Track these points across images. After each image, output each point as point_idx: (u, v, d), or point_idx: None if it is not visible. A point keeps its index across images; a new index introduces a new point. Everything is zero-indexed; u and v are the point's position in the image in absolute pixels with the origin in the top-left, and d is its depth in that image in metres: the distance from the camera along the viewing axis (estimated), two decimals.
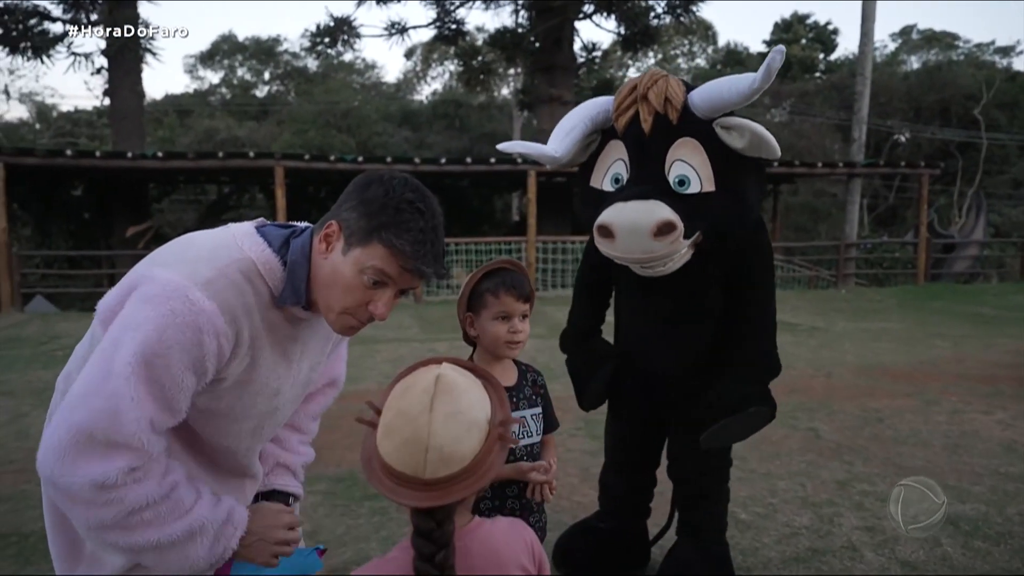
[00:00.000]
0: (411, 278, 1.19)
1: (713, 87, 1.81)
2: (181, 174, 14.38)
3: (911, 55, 32.98)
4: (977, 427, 4.37)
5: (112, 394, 1.07)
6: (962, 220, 18.83)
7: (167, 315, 1.09)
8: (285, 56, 35.16)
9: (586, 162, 2.01)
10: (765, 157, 1.82)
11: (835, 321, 9.11)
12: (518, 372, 1.77)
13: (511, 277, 1.66)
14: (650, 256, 1.80)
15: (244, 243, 1.22)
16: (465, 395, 0.95)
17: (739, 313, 2.03)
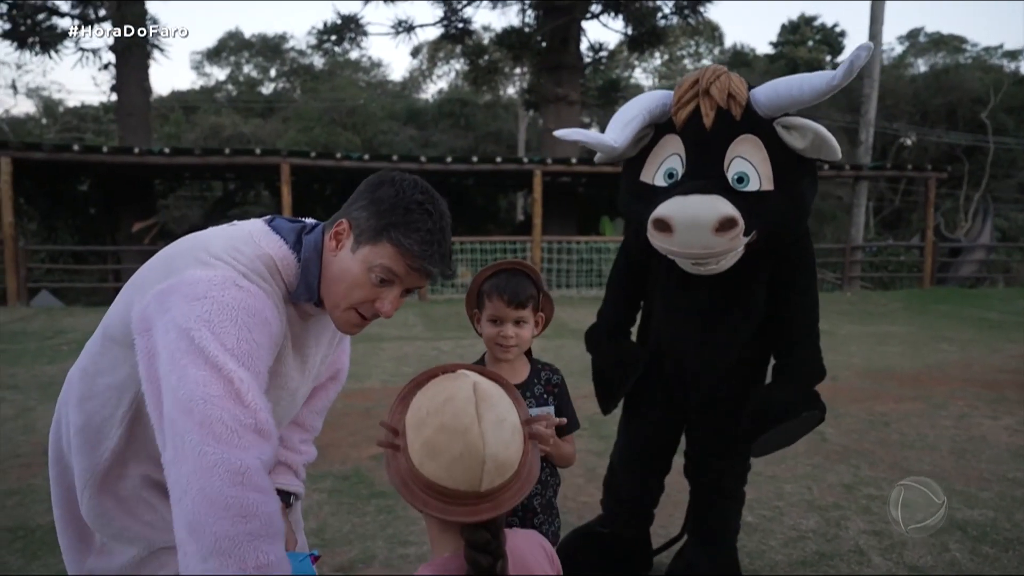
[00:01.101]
0: (418, 277, 1.20)
1: (782, 85, 1.78)
2: (187, 170, 14.40)
3: (918, 58, 32.88)
4: (984, 432, 4.35)
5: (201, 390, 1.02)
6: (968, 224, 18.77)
7: (230, 303, 1.09)
8: (291, 53, 35.22)
9: (635, 156, 1.96)
10: (825, 159, 1.80)
11: (840, 324, 9.09)
12: (530, 369, 1.72)
13: (508, 281, 1.62)
14: (709, 252, 1.75)
15: (261, 240, 1.23)
16: (501, 400, 0.92)
17: (783, 318, 2.01)
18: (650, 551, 2.50)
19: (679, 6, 15.79)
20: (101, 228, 14.81)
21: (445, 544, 0.93)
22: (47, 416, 4.71)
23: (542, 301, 1.68)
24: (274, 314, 1.17)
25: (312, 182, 15.69)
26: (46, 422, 4.57)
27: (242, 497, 0.97)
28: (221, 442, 1.00)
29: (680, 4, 15.73)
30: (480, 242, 12.52)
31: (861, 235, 15.56)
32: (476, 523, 0.87)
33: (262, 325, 1.12)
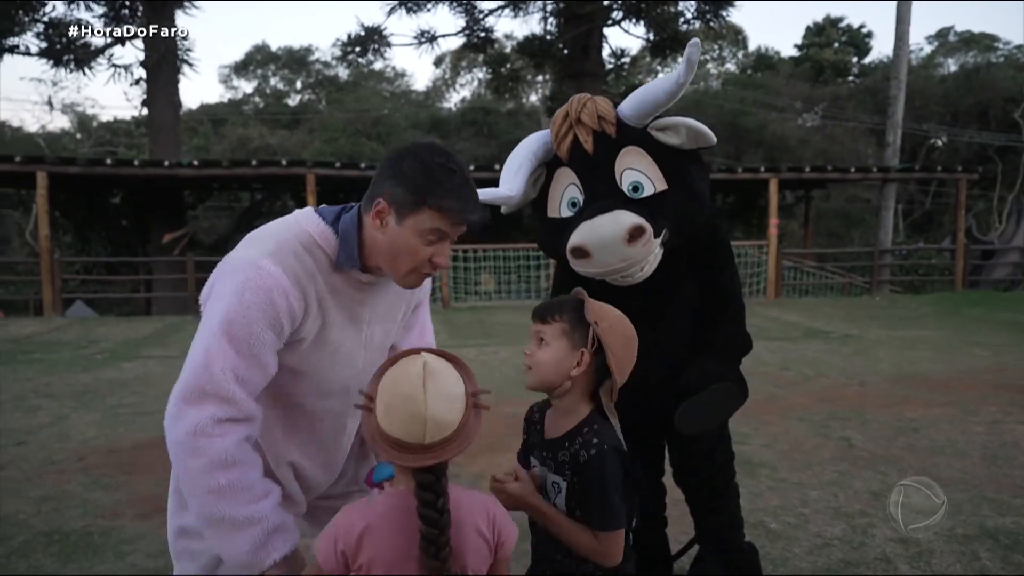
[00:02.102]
0: (460, 228, 1.36)
1: (639, 93, 1.91)
2: (215, 181, 14.69)
3: (948, 57, 32.28)
4: (1017, 438, 4.25)
5: (204, 351, 1.29)
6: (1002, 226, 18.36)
7: (243, 282, 1.31)
8: (316, 65, 35.72)
9: (538, 197, 2.08)
10: (703, 146, 1.92)
11: (869, 329, 8.95)
12: (575, 427, 1.43)
13: (547, 300, 1.54)
14: (629, 263, 1.85)
15: (302, 220, 1.41)
16: (446, 376, 1.16)
17: (708, 300, 2.09)
18: (668, 556, 2.50)
19: (701, 10, 15.73)
20: (133, 239, 15.14)
21: (401, 482, 1.20)
22: (81, 424, 4.83)
23: (596, 337, 1.40)
24: (289, 289, 1.33)
25: (337, 192, 15.89)
26: (80, 430, 4.69)
27: (199, 444, 1.26)
28: (186, 401, 1.28)
29: (702, 8, 15.67)
30: (504, 249, 12.56)
31: (890, 238, 15.32)
32: (422, 467, 1.12)
33: (264, 304, 1.30)
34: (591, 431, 1.40)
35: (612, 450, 1.38)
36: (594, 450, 1.37)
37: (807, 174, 13.53)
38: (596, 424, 1.42)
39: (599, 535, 1.37)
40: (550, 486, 1.46)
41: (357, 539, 1.13)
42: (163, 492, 3.52)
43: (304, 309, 1.37)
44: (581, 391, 1.43)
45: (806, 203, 17.03)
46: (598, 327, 1.39)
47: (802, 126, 26.93)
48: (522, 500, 1.42)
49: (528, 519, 1.51)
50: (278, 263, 1.33)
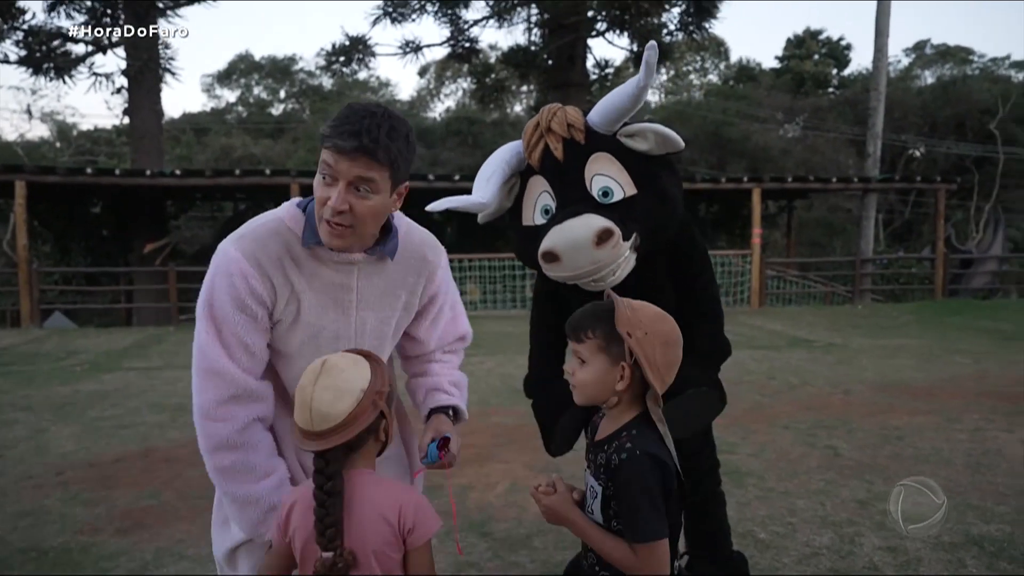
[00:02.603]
0: (342, 160, 1.27)
1: (604, 100, 1.95)
2: (198, 191, 14.57)
3: (925, 70, 32.86)
4: (1000, 446, 4.30)
5: (197, 334, 1.41)
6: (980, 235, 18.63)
7: (213, 268, 1.40)
8: (301, 75, 35.63)
9: (513, 206, 2.11)
10: (672, 151, 1.95)
11: (852, 337, 9.03)
12: (616, 431, 1.38)
13: (578, 311, 1.42)
14: (597, 266, 1.87)
15: (279, 209, 1.45)
16: (343, 373, 1.25)
17: (686, 305, 2.09)
18: None
19: (684, 22, 15.90)
20: (113, 250, 14.96)
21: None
22: (60, 437, 4.74)
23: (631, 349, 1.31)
24: (248, 271, 1.37)
25: None
26: (59, 443, 4.60)
27: (204, 426, 1.40)
28: (197, 381, 1.41)
29: (685, 20, 15.84)
30: (489, 259, 12.54)
31: (871, 248, 15.50)
32: (317, 452, 1.24)
33: (228, 285, 1.38)
34: (628, 436, 1.33)
35: (646, 456, 1.29)
36: (626, 455, 1.30)
37: (790, 184, 13.67)
38: (635, 429, 1.34)
39: (636, 548, 1.28)
40: (588, 491, 1.41)
41: (287, 513, 1.30)
42: (144, 507, 3.48)
43: (272, 292, 1.40)
44: (629, 399, 1.37)
45: (789, 213, 17.20)
46: (631, 339, 1.30)
47: (784, 137, 27.23)
48: (557, 513, 1.38)
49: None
50: (239, 248, 1.38)
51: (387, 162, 1.30)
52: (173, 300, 11.90)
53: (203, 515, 3.35)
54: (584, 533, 1.36)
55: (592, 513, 1.38)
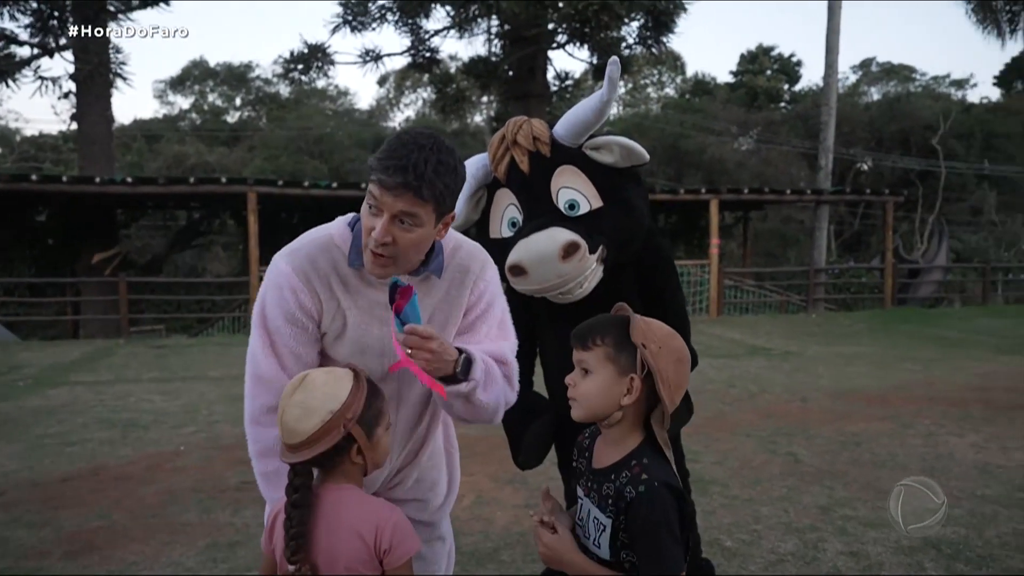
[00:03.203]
0: (388, 196, 1.28)
1: (569, 114, 1.97)
2: (150, 199, 14.17)
3: (871, 86, 34.08)
4: (952, 449, 4.42)
5: (252, 341, 1.45)
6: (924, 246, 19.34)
7: (267, 282, 1.45)
8: (257, 82, 35.08)
9: (480, 219, 2.12)
10: (637, 164, 1.97)
11: (808, 345, 9.23)
12: (625, 457, 1.29)
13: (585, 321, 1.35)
14: (564, 279, 1.88)
15: (332, 224, 1.47)
16: (318, 391, 1.26)
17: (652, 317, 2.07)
18: None
19: (643, 36, 16.16)
20: (60, 259, 14.42)
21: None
22: (1, 456, 4.51)
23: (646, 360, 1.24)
24: (297, 286, 1.40)
25: (279, 211, 15.54)
26: (0, 462, 4.38)
27: (252, 431, 1.46)
28: (249, 387, 1.45)
29: (644, 35, 16.10)
30: None
31: (824, 258, 15.91)
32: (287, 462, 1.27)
33: (279, 299, 1.42)
34: (640, 465, 1.24)
35: (664, 487, 1.21)
36: (643, 487, 1.21)
37: (746, 195, 13.97)
38: (646, 457, 1.25)
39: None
40: (592, 523, 1.30)
41: (271, 524, 1.34)
42: (94, 528, 3.33)
43: (319, 305, 1.43)
44: (632, 419, 1.28)
45: (744, 224, 17.56)
46: (646, 350, 1.23)
47: (738, 150, 27.87)
48: (559, 556, 1.30)
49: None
50: (290, 263, 1.42)
51: (431, 198, 1.29)
52: (123, 312, 11.52)
53: (157, 535, 3.22)
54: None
55: (599, 548, 1.28)
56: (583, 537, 1.33)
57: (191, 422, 5.39)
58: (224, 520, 3.39)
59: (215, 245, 20.21)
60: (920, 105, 27.47)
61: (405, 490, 1.67)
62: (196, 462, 4.35)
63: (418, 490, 1.68)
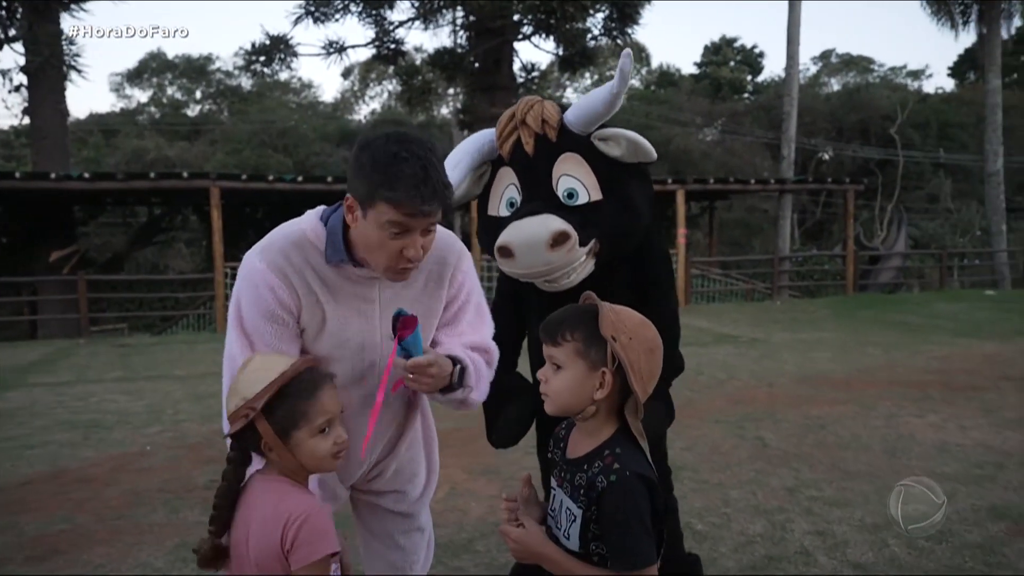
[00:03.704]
0: (421, 219, 1.32)
1: (582, 102, 1.94)
2: (109, 196, 13.83)
3: (831, 77, 34.72)
4: (912, 430, 4.55)
5: (229, 344, 1.44)
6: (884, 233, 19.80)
7: (240, 280, 1.44)
8: (218, 75, 34.36)
9: (481, 194, 2.10)
10: (643, 161, 1.93)
11: (773, 332, 9.40)
12: (597, 448, 1.28)
13: (554, 314, 1.33)
14: (550, 268, 1.87)
15: (302, 219, 1.46)
16: (248, 375, 1.27)
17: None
18: None
19: (608, 28, 16.21)
20: (15, 258, 13.98)
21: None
22: None
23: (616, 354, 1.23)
24: (274, 282, 1.40)
25: (243, 205, 15.28)
26: None
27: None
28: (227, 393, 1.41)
29: (609, 26, 16.15)
30: None
31: (787, 246, 16.22)
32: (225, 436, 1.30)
33: (256, 297, 1.41)
34: (613, 455, 1.24)
35: (636, 477, 1.21)
36: (615, 476, 1.21)
37: (712, 186, 14.14)
38: (619, 447, 1.25)
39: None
40: (564, 513, 1.30)
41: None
42: (57, 531, 3.25)
43: (297, 300, 1.43)
44: (606, 410, 1.27)
45: (710, 213, 17.79)
46: (616, 343, 1.22)
47: (704, 140, 28.17)
48: (530, 549, 1.28)
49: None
50: (264, 259, 1.41)
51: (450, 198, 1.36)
52: (83, 311, 11.23)
53: (123, 536, 3.16)
54: (564, 569, 1.26)
55: (568, 538, 1.28)
56: (554, 528, 1.32)
57: (156, 422, 5.29)
58: (193, 519, 3.34)
59: (177, 241, 19.78)
60: (878, 95, 28.09)
61: (384, 482, 1.69)
62: (162, 462, 4.27)
63: (397, 481, 1.69)
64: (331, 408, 1.28)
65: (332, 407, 1.28)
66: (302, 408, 1.24)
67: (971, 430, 4.54)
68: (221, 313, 10.88)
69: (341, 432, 1.30)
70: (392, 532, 1.73)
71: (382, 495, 1.71)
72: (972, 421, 4.75)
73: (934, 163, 26.52)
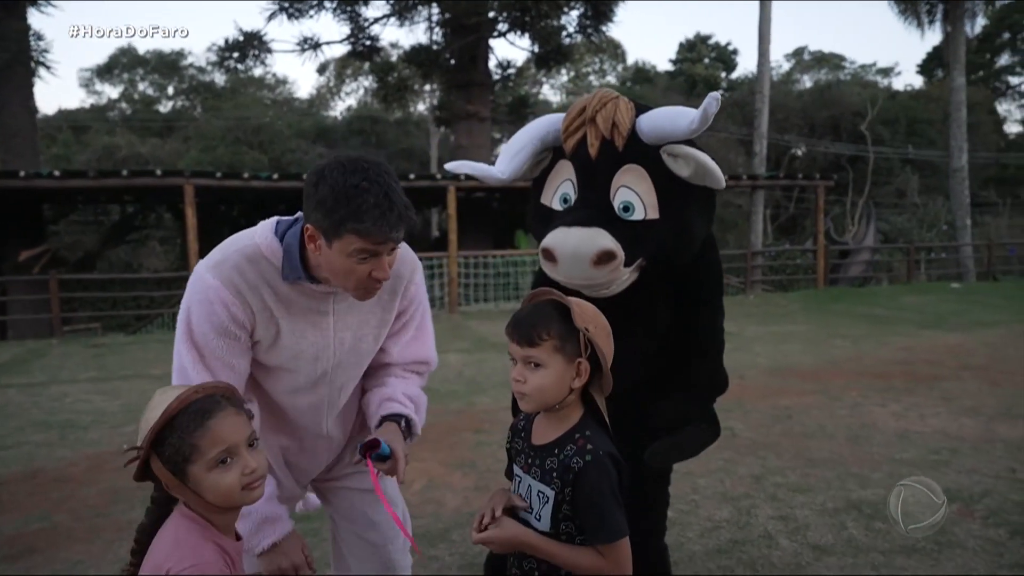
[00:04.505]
0: (389, 244, 1.35)
1: (659, 117, 1.82)
2: (80, 194, 13.62)
3: (804, 74, 35.21)
4: (875, 419, 4.71)
5: (178, 356, 1.43)
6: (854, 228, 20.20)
7: (191, 294, 1.43)
8: (190, 70, 33.93)
9: (539, 177, 2.01)
10: (710, 186, 1.84)
11: (746, 326, 9.58)
12: (567, 431, 1.36)
13: (520, 315, 1.37)
14: (591, 282, 1.81)
15: (256, 232, 1.46)
16: (144, 416, 1.16)
17: (686, 331, 2.02)
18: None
19: (583, 25, 16.32)
20: None
21: None
22: None
23: (586, 343, 1.32)
24: (228, 299, 1.41)
25: (218, 203, 15.14)
26: None
27: None
28: None
29: (584, 23, 16.27)
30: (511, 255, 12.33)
31: (760, 241, 16.46)
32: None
33: (208, 312, 1.41)
34: (584, 438, 1.32)
35: (607, 456, 1.30)
36: (589, 457, 1.29)
37: None
38: (589, 430, 1.34)
39: (604, 549, 1.28)
40: (535, 496, 1.35)
41: None
42: (34, 531, 3.27)
43: (251, 316, 1.44)
44: (576, 396, 1.36)
45: None
46: (590, 332, 1.31)
47: None
48: (511, 542, 1.33)
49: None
50: (217, 276, 1.41)
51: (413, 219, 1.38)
52: (55, 311, 11.07)
53: (102, 534, 3.19)
54: (544, 552, 1.31)
55: (539, 519, 1.34)
56: (523, 512, 1.38)
57: (133, 421, 5.28)
58: None
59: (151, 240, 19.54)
60: (849, 92, 28.54)
61: (343, 465, 1.78)
62: None
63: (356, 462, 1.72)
64: (228, 436, 1.13)
65: (230, 435, 1.14)
66: (191, 440, 1.11)
67: (930, 418, 4.71)
68: None
69: (249, 461, 1.15)
70: (363, 510, 1.77)
71: (343, 477, 1.79)
72: (932, 409, 4.93)
73: (903, 159, 27.06)
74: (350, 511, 1.79)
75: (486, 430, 4.51)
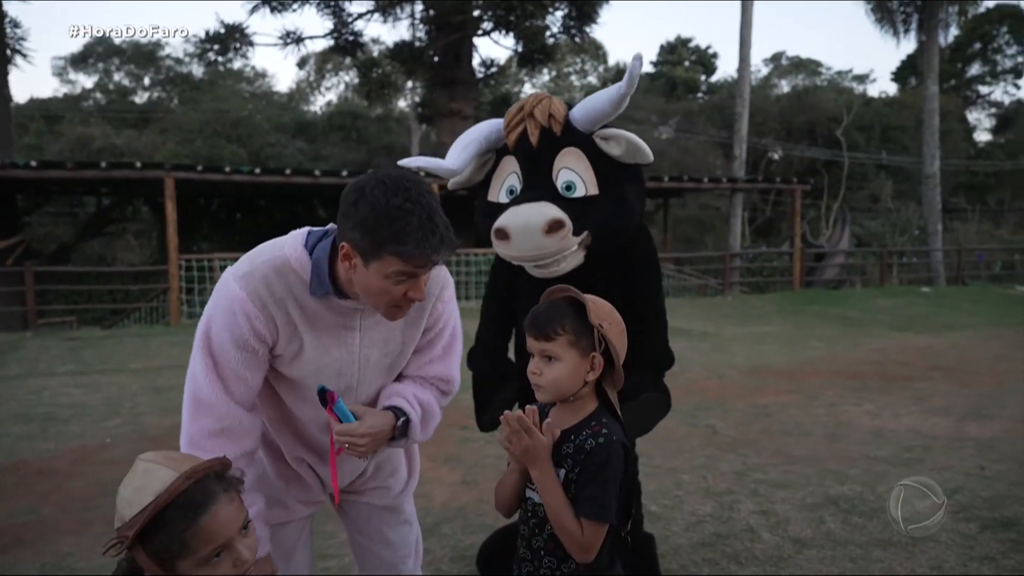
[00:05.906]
0: (430, 267, 1.33)
1: (588, 101, 2.04)
2: (56, 185, 13.40)
3: (781, 79, 35.70)
4: (850, 417, 4.85)
5: (193, 363, 1.41)
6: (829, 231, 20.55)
7: (216, 302, 1.41)
8: (167, 61, 33.43)
9: (483, 180, 2.21)
10: (640, 163, 2.05)
11: (724, 326, 9.73)
12: (585, 419, 1.41)
13: (538, 311, 1.42)
14: (543, 253, 1.97)
15: (286, 243, 1.42)
16: (124, 489, 1.09)
17: (632, 314, 2.14)
18: None
19: (566, 25, 16.41)
20: None
21: None
22: None
23: (601, 337, 1.37)
24: (252, 312, 1.38)
25: (197, 197, 14.98)
26: None
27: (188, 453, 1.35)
28: (188, 411, 1.42)
29: (567, 24, 16.35)
30: None
31: (738, 243, 16.70)
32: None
33: (230, 322, 1.38)
34: (600, 424, 1.38)
35: (620, 444, 1.36)
36: (603, 439, 1.35)
37: (666, 183, 14.47)
38: (605, 418, 1.40)
39: (583, 523, 1.32)
40: None
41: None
42: (22, 523, 3.26)
43: (275, 330, 1.41)
44: (590, 389, 1.42)
45: (664, 211, 18.17)
46: (603, 330, 1.36)
47: (659, 138, 28.68)
48: (531, 452, 1.34)
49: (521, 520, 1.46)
50: (244, 287, 1.38)
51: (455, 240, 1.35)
52: (31, 304, 10.90)
53: (91, 527, 3.18)
54: (550, 484, 1.35)
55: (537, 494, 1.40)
56: (529, 489, 1.43)
57: (115, 415, 5.25)
58: None
59: (127, 233, 19.25)
60: (826, 98, 29.00)
61: (365, 480, 1.72)
62: (126, 455, 4.26)
63: (378, 478, 1.72)
64: (222, 533, 1.06)
65: (224, 531, 1.06)
66: (182, 538, 1.04)
67: (903, 417, 4.86)
68: (175, 306, 10.70)
69: (241, 552, 1.09)
70: (380, 527, 1.75)
71: (364, 492, 1.73)
72: (904, 409, 5.08)
73: (877, 164, 27.57)
74: (367, 527, 1.76)
75: (471, 426, 4.55)
